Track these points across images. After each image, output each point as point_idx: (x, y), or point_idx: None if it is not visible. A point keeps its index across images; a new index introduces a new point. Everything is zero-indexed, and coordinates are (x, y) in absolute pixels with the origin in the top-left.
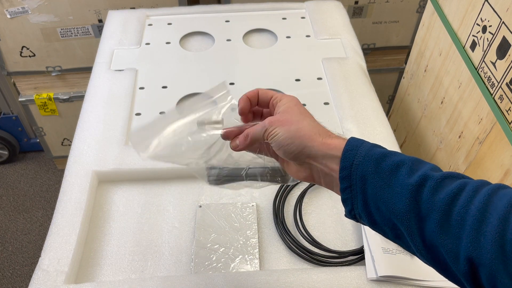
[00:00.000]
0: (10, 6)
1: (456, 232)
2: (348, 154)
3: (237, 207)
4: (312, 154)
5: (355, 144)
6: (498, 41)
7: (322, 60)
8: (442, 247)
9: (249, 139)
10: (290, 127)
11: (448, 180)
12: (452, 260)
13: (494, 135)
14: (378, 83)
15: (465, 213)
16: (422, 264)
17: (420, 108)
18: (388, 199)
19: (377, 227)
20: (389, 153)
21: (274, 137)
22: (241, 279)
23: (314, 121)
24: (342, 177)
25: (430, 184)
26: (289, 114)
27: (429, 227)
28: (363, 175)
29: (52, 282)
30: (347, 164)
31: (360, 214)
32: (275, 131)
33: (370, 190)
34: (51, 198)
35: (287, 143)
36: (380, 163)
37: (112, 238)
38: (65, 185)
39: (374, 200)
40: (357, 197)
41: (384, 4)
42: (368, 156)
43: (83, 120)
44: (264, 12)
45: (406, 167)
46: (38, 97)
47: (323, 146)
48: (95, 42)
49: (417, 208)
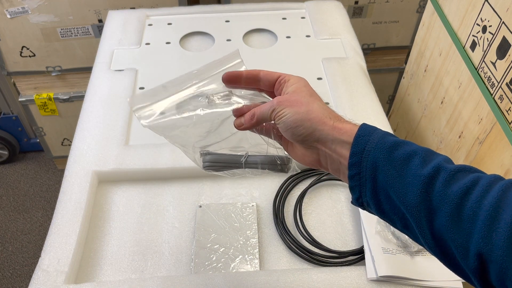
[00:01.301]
0: (10, 6)
1: (467, 227)
2: (360, 140)
3: (237, 207)
4: (321, 138)
5: (368, 130)
6: (498, 41)
7: (322, 60)
8: (452, 242)
9: (255, 119)
10: (300, 108)
11: (461, 173)
12: (461, 255)
13: (494, 135)
14: (378, 83)
15: (477, 208)
16: (422, 264)
17: (420, 108)
18: (399, 188)
19: (385, 215)
20: (402, 142)
21: (282, 118)
22: (241, 279)
23: (324, 104)
24: (351, 163)
25: (443, 176)
26: (298, 95)
27: (440, 220)
28: (375, 162)
29: (52, 282)
30: (358, 150)
31: (368, 202)
32: (283, 112)
33: (381, 178)
34: (51, 198)
35: (296, 125)
36: (393, 152)
37: (112, 238)
38: (65, 185)
39: (384, 188)
40: (366, 185)
41: (384, 4)
42: (381, 143)
43: (83, 120)
44: (264, 12)
45: (419, 157)
46: (38, 97)
47: (334, 130)
48: (95, 42)
49: (428, 200)
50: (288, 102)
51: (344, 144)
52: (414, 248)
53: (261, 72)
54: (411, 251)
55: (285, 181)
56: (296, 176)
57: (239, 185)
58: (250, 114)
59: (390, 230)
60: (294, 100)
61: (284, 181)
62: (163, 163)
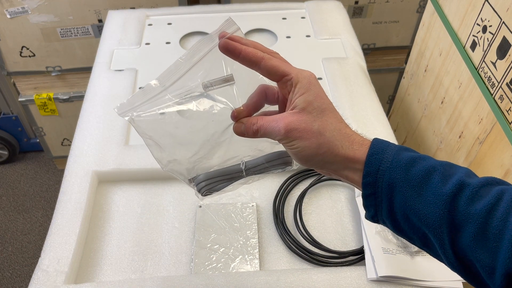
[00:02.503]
0: (10, 6)
1: (493, 246)
2: (373, 158)
3: (237, 207)
4: (333, 168)
5: (381, 147)
6: (498, 41)
7: (322, 60)
8: (477, 262)
9: (259, 135)
10: (310, 141)
11: (484, 188)
12: (487, 274)
13: (494, 135)
14: (378, 83)
15: (503, 227)
16: (422, 264)
17: (420, 108)
18: (419, 209)
19: (403, 234)
20: (419, 157)
21: (292, 151)
22: (241, 279)
23: (335, 120)
24: (365, 184)
25: (466, 193)
26: (308, 116)
27: (464, 239)
28: (391, 183)
29: (52, 282)
30: (372, 170)
31: (385, 220)
32: (293, 144)
33: (398, 199)
34: (51, 198)
35: (306, 159)
36: (410, 170)
37: (112, 238)
38: (65, 185)
39: (402, 209)
40: (382, 205)
41: (384, 4)
42: (396, 161)
43: (83, 120)
44: (264, 12)
45: (439, 174)
46: (38, 97)
47: (346, 160)
48: (95, 42)
49: (451, 219)
50: (297, 132)
51: (357, 171)
52: (414, 248)
53: (262, 62)
54: (411, 251)
55: (285, 181)
56: (296, 176)
57: None
58: (254, 129)
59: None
60: (303, 129)
61: (284, 181)
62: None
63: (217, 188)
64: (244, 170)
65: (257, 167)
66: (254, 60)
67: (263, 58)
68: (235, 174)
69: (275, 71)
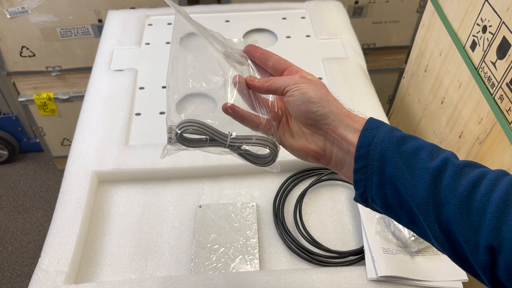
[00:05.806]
0: (10, 6)
1: (476, 220)
2: (368, 133)
3: (237, 207)
4: (334, 122)
5: (375, 124)
6: (498, 41)
7: (322, 60)
8: (461, 235)
9: (270, 82)
10: (320, 89)
11: (468, 168)
12: (471, 248)
13: (494, 135)
14: (378, 83)
15: (486, 201)
16: (422, 264)
17: (420, 108)
18: (407, 181)
19: (390, 210)
20: (409, 137)
21: (303, 90)
22: (241, 279)
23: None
24: (358, 156)
25: (451, 169)
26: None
27: (448, 213)
28: (383, 154)
29: (52, 282)
30: (365, 142)
31: (373, 196)
32: (304, 86)
33: (388, 170)
34: (51, 198)
35: (314, 100)
36: (401, 145)
37: (112, 238)
38: (65, 185)
39: (391, 180)
40: (372, 178)
41: (384, 4)
42: (389, 136)
43: (83, 120)
44: (264, 12)
45: (426, 151)
46: (38, 97)
47: (348, 117)
48: (95, 42)
49: (436, 193)
50: (309, 81)
51: (356, 132)
52: (414, 248)
53: (274, 56)
54: (411, 251)
55: (285, 181)
56: (296, 176)
57: (239, 185)
58: (266, 79)
59: (390, 230)
60: (313, 81)
61: (284, 181)
62: (163, 163)
63: (192, 139)
64: (229, 137)
65: (243, 139)
66: (268, 54)
67: (275, 54)
68: (218, 137)
69: (282, 62)
